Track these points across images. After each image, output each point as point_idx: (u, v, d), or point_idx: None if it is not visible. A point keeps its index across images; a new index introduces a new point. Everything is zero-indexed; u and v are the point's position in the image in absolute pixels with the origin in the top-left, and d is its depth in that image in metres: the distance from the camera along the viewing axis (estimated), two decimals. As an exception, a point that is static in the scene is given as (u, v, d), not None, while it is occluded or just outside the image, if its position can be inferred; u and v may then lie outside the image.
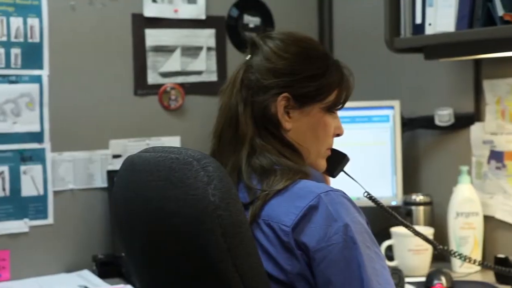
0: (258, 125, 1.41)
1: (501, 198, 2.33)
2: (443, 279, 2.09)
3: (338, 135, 1.50)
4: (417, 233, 1.86)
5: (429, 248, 2.30)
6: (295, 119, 1.42)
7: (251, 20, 2.76)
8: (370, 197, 1.65)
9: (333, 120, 1.47)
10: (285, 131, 1.42)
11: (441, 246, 1.93)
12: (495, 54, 2.21)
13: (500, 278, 2.12)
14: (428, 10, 2.16)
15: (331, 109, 1.46)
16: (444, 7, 2.11)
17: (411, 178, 2.58)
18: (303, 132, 1.43)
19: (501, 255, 2.17)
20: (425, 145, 2.58)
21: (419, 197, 2.46)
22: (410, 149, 2.60)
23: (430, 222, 2.43)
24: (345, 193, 1.33)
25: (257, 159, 1.38)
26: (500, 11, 1.96)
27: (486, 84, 2.37)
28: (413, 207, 2.44)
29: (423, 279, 2.17)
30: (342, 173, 1.57)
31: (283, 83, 1.40)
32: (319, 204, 1.29)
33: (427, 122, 2.52)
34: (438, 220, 2.43)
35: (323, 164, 1.49)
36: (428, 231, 2.33)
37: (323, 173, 1.52)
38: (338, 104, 1.46)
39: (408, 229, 1.85)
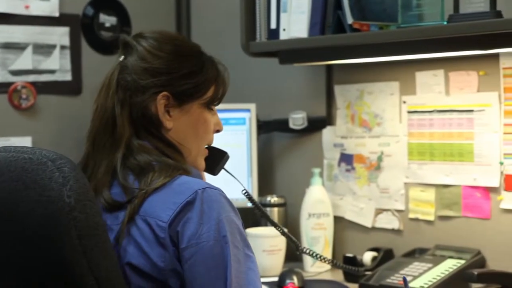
0: (137, 126, 1.40)
1: (350, 199, 2.43)
2: (295, 279, 2.15)
3: (217, 131, 1.51)
4: (284, 233, 1.88)
5: (282, 249, 2.35)
6: (175, 118, 1.42)
7: (107, 19, 2.71)
8: (248, 195, 1.68)
9: (212, 116, 1.49)
10: (166, 130, 1.42)
11: (304, 248, 1.96)
12: (345, 60, 2.30)
13: (348, 277, 2.21)
14: (283, 15, 2.21)
15: (209, 105, 1.47)
16: (297, 13, 2.17)
17: (266, 180, 2.63)
18: (184, 131, 1.44)
19: (349, 254, 2.26)
20: (280, 147, 2.64)
21: (273, 199, 2.51)
22: (266, 151, 2.65)
23: (283, 222, 2.49)
24: (222, 192, 1.34)
25: (134, 159, 1.37)
26: (349, 19, 2.05)
27: (337, 89, 2.46)
28: (268, 208, 2.49)
29: (276, 279, 2.21)
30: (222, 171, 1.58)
31: (160, 82, 1.40)
32: (195, 200, 1.29)
33: (282, 125, 2.57)
34: (291, 221, 2.49)
35: (202, 163, 1.50)
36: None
37: (204, 171, 1.52)
38: (216, 99, 1.48)
39: (277, 229, 1.87)
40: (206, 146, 1.51)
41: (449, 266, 2.08)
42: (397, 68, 2.30)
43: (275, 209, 2.50)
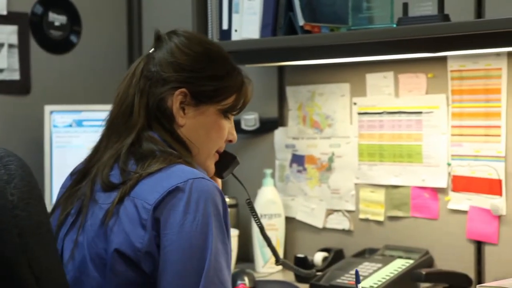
0: (151, 117, 1.42)
1: (302, 200, 2.44)
2: (246, 279, 2.15)
3: (230, 141, 1.52)
4: (270, 245, 1.80)
5: (233, 249, 2.35)
6: (189, 116, 1.43)
7: (57, 18, 2.68)
8: (250, 205, 1.66)
9: (228, 124, 1.49)
10: (178, 126, 1.43)
11: (281, 258, 1.90)
12: (296, 62, 2.31)
13: (299, 277, 2.22)
14: (234, 16, 2.21)
15: (227, 112, 1.48)
16: (249, 14, 2.17)
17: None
18: (196, 130, 1.44)
19: (300, 255, 2.27)
20: (232, 148, 2.62)
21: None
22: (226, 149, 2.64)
23: (235, 224, 2.49)
24: (216, 184, 1.35)
25: (140, 147, 1.39)
26: (300, 20, 2.06)
27: (289, 91, 2.47)
28: (219, 209, 2.49)
29: (227, 279, 2.21)
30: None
31: (182, 78, 1.42)
32: (185, 188, 1.30)
33: (234, 126, 2.57)
34: (243, 222, 2.49)
35: (212, 167, 1.51)
36: (233, 233, 2.38)
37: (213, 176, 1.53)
38: (235, 109, 1.49)
39: (265, 239, 1.78)
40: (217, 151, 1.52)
41: (398, 266, 2.10)
42: (347, 70, 2.32)
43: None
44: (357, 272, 1.47)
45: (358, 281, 1.45)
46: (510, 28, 1.77)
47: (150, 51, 1.47)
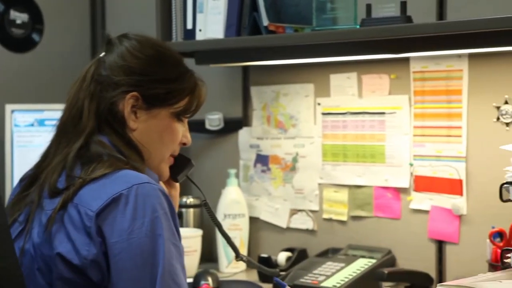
0: (102, 121, 1.41)
1: (266, 200, 2.44)
2: (210, 279, 2.15)
3: (184, 144, 1.51)
4: (230, 242, 1.79)
5: (197, 250, 2.34)
6: (141, 120, 1.42)
7: (18, 16, 2.64)
8: (207, 207, 1.65)
9: (181, 127, 1.48)
10: (130, 130, 1.42)
11: (242, 254, 1.90)
12: (261, 62, 2.31)
13: (263, 277, 2.22)
14: (199, 16, 2.21)
15: (180, 115, 1.47)
16: (214, 14, 2.17)
17: (183, 181, 2.61)
18: (148, 134, 1.43)
19: (264, 255, 2.27)
20: (196, 148, 2.63)
21: (189, 199, 2.50)
22: (182, 152, 2.63)
23: (199, 224, 2.48)
24: (162, 188, 1.34)
25: (88, 151, 1.37)
26: (265, 21, 2.06)
27: (253, 91, 2.47)
28: (184, 210, 2.48)
29: (190, 280, 2.20)
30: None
31: (132, 82, 1.41)
32: (130, 194, 1.29)
33: (198, 126, 2.56)
34: (207, 222, 2.48)
35: (166, 170, 1.50)
36: (197, 233, 2.38)
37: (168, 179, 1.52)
38: (188, 111, 1.48)
39: (224, 237, 1.78)
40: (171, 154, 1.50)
41: (360, 265, 2.11)
42: (312, 71, 2.33)
43: (191, 210, 2.49)
44: (276, 281, 1.50)
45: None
46: (471, 30, 1.80)
47: (101, 55, 1.46)
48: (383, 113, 2.19)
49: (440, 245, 2.11)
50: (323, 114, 2.32)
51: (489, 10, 1.93)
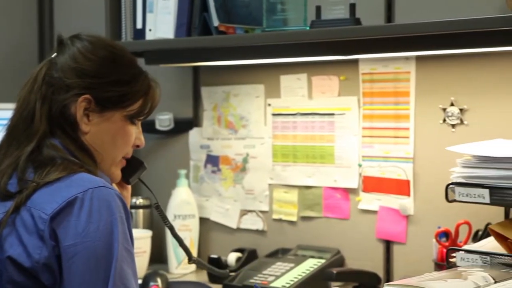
0: (54, 124, 1.38)
1: (216, 200, 2.44)
2: (159, 281, 2.14)
3: (138, 146, 1.49)
4: (182, 244, 1.78)
5: (147, 251, 2.33)
6: (94, 123, 1.40)
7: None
8: (159, 209, 1.64)
9: (135, 130, 1.46)
10: (82, 133, 1.39)
11: (194, 257, 1.89)
12: (211, 62, 2.31)
13: (213, 278, 2.22)
14: (149, 16, 2.20)
15: (134, 118, 1.44)
16: (164, 14, 2.16)
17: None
18: (101, 137, 1.41)
19: (214, 255, 2.27)
20: (146, 149, 2.59)
21: (139, 200, 2.48)
22: (132, 152, 2.61)
23: (148, 225, 2.47)
24: (117, 192, 1.33)
25: (40, 154, 1.35)
26: (215, 21, 2.06)
27: (204, 91, 2.47)
28: (133, 210, 2.46)
29: (139, 281, 2.19)
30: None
31: (85, 84, 1.38)
32: (85, 198, 1.28)
33: (148, 126, 2.53)
34: (156, 223, 2.47)
35: (117, 173, 1.47)
36: (147, 234, 2.37)
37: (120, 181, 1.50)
38: (142, 114, 1.46)
39: (176, 239, 1.77)
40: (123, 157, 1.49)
41: (310, 265, 2.13)
42: (262, 71, 2.33)
43: (141, 211, 2.48)
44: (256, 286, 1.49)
45: None
46: (418, 32, 1.83)
47: (53, 56, 1.43)
48: (333, 114, 2.21)
49: (388, 245, 2.14)
50: (274, 115, 2.32)
51: (436, 14, 1.97)
